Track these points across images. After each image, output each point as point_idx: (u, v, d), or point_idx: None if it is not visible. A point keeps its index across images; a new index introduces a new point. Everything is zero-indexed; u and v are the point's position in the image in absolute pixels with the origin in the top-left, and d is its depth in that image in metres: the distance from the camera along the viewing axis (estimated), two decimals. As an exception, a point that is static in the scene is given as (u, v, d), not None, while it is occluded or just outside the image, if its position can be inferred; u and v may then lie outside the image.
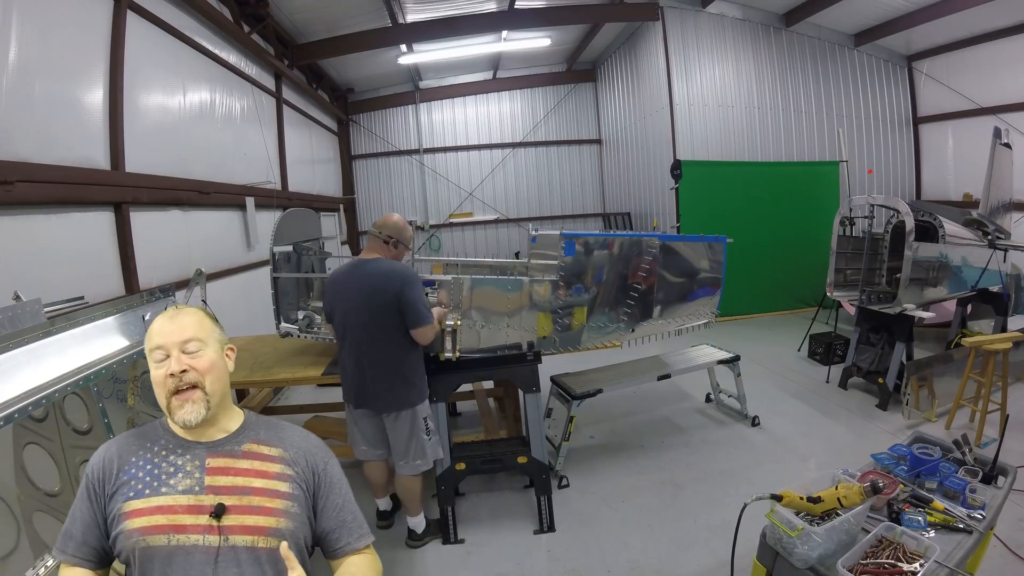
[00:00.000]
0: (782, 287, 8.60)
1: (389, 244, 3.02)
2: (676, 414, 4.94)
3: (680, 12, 8.78)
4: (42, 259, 3.23)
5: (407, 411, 2.94)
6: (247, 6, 6.47)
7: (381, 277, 2.86)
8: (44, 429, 2.02)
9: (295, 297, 4.03)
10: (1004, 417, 3.37)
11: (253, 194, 6.34)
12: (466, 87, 12.27)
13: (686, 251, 3.91)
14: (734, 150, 9.06)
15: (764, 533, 1.94)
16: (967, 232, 5.32)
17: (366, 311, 2.86)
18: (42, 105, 3.28)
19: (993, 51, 8.24)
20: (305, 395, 5.72)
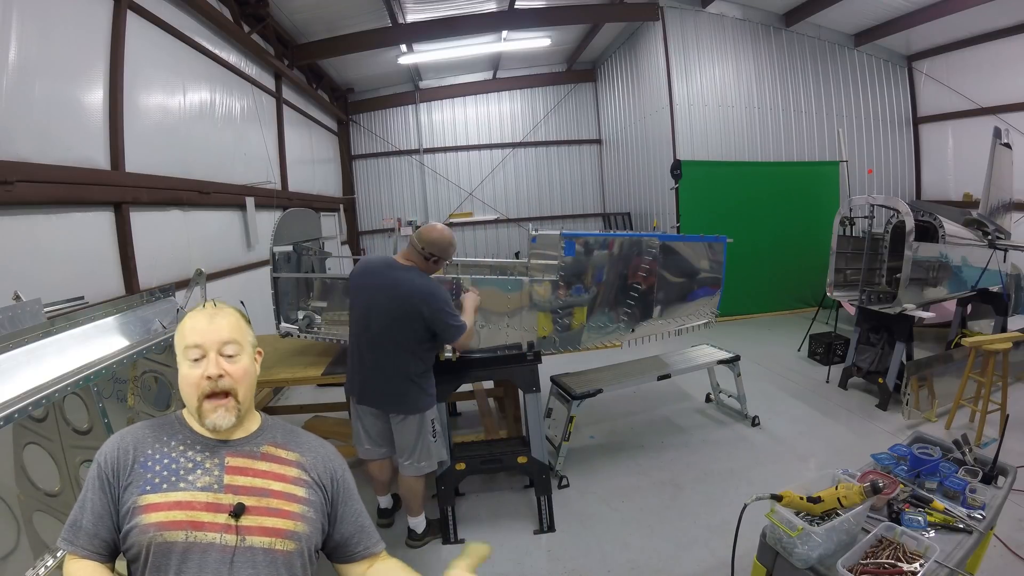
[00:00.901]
0: (782, 287, 8.60)
1: (430, 261, 2.93)
2: (676, 414, 4.94)
3: (680, 12, 8.78)
4: (42, 259, 3.22)
5: (416, 415, 2.93)
6: (247, 6, 6.47)
7: (411, 293, 2.81)
8: (44, 429, 2.02)
9: (295, 297, 4.03)
10: (1004, 417, 3.37)
11: (253, 194, 6.34)
12: (466, 87, 12.27)
13: (686, 251, 3.91)
14: (734, 150, 9.06)
15: (764, 533, 1.94)
16: (967, 232, 5.31)
17: (389, 318, 2.84)
18: (42, 105, 3.27)
19: (993, 51, 8.24)
20: (305, 395, 5.72)
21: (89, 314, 2.18)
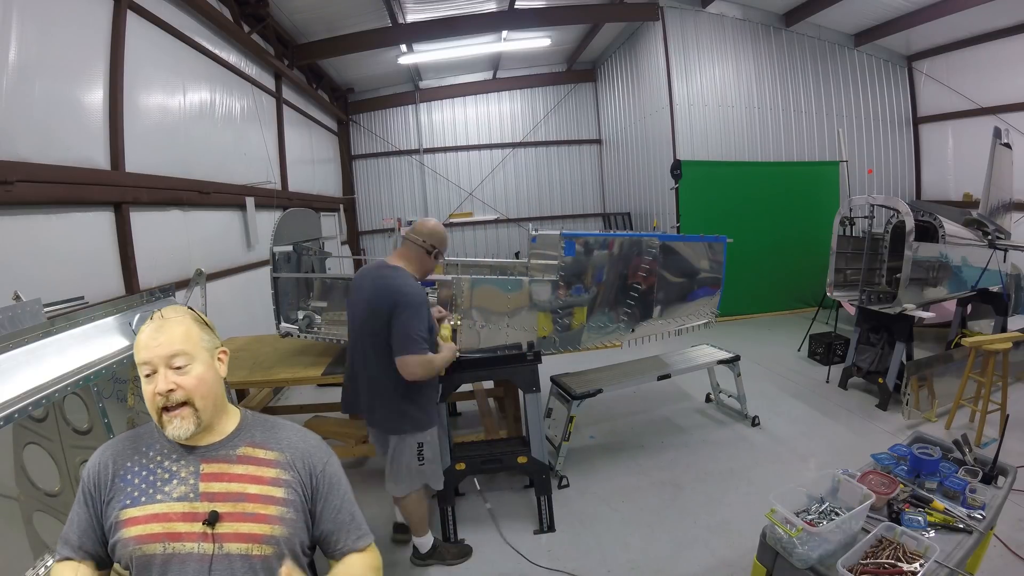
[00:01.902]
0: (782, 287, 8.60)
1: (432, 254, 2.76)
2: (676, 414, 4.94)
3: (680, 12, 8.78)
4: (42, 259, 3.23)
5: (398, 437, 2.72)
6: (247, 6, 6.47)
7: (382, 289, 2.62)
8: (44, 429, 2.02)
9: (295, 297, 4.03)
10: (1004, 417, 3.37)
11: (253, 194, 6.34)
12: (466, 87, 12.28)
13: (686, 251, 3.91)
14: (734, 150, 9.06)
15: (764, 533, 1.94)
16: (967, 232, 5.31)
17: (362, 320, 2.68)
18: (42, 105, 3.28)
19: (993, 51, 8.24)
20: (305, 395, 5.72)
21: (89, 314, 2.17)
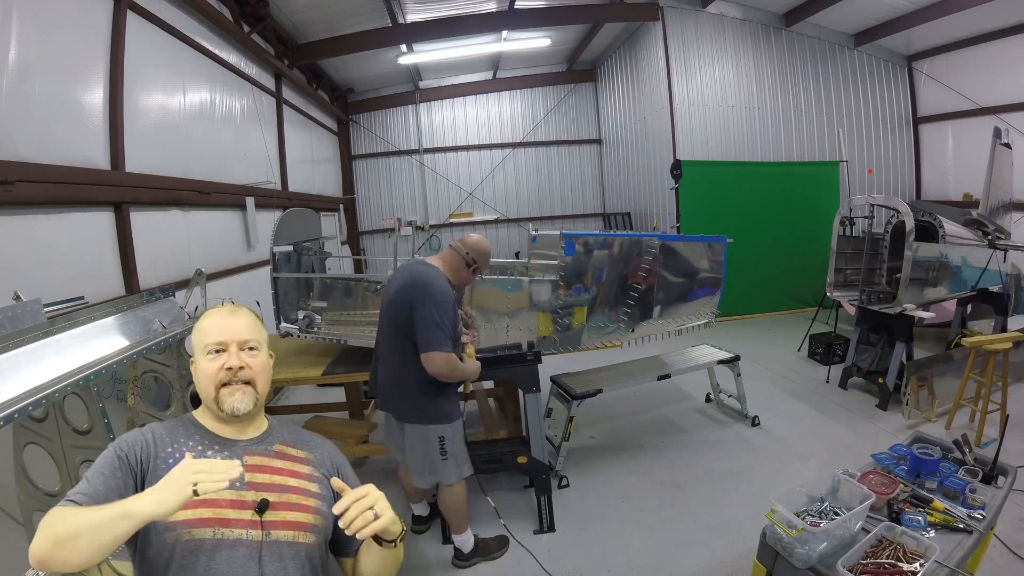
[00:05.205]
0: (782, 287, 8.60)
1: (471, 267, 2.83)
2: (676, 414, 4.94)
3: (680, 12, 8.78)
4: (42, 259, 3.22)
5: (417, 426, 2.75)
6: (247, 6, 6.46)
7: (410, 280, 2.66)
8: (44, 429, 2.03)
9: (295, 297, 4.03)
10: (1004, 417, 3.37)
11: (253, 194, 6.34)
12: (466, 87, 12.26)
13: (686, 251, 3.91)
14: (734, 150, 9.05)
15: (764, 533, 1.94)
16: (967, 232, 5.32)
17: (393, 310, 2.69)
18: (42, 105, 3.27)
19: (993, 51, 8.24)
20: (305, 395, 5.72)
21: (89, 314, 2.18)
